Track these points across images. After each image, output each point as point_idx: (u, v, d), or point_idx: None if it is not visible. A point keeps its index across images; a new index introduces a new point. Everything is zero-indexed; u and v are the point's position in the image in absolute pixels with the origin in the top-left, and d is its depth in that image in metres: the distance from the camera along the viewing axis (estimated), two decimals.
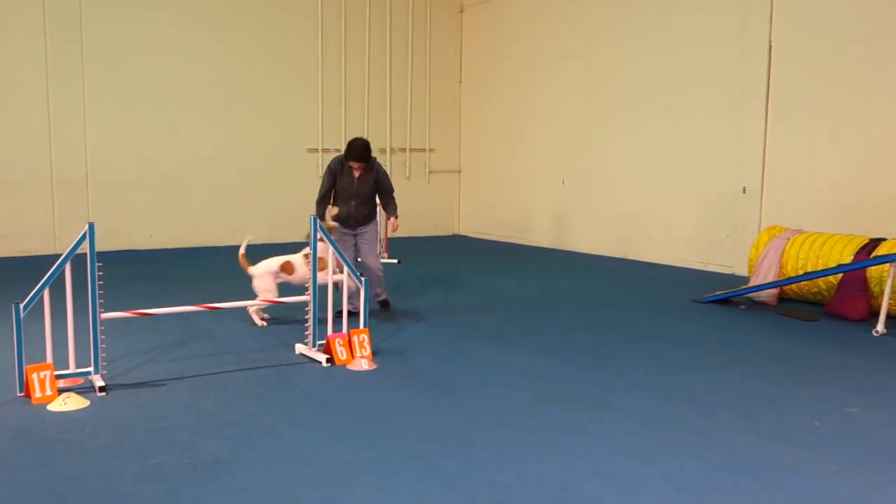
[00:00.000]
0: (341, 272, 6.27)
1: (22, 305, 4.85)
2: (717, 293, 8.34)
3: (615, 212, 11.95)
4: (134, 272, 9.67)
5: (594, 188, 12.33)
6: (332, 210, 7.18)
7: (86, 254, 4.96)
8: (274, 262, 6.95)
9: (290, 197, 12.93)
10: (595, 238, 12.30)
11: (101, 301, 5.06)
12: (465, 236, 14.94)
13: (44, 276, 4.89)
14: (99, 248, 5.12)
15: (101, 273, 5.01)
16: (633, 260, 11.55)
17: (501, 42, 14.03)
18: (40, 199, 11.29)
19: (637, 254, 11.60)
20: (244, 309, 6.80)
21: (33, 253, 10.96)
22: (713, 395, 5.15)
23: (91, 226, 4.94)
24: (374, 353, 5.88)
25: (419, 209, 14.34)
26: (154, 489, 3.63)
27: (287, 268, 6.93)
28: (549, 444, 4.24)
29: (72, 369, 5.09)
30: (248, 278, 6.91)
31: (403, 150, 14.43)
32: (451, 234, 15.13)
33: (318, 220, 5.89)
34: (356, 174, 7.17)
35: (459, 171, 15.13)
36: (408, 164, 14.48)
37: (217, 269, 10.30)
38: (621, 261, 11.57)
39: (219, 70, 12.57)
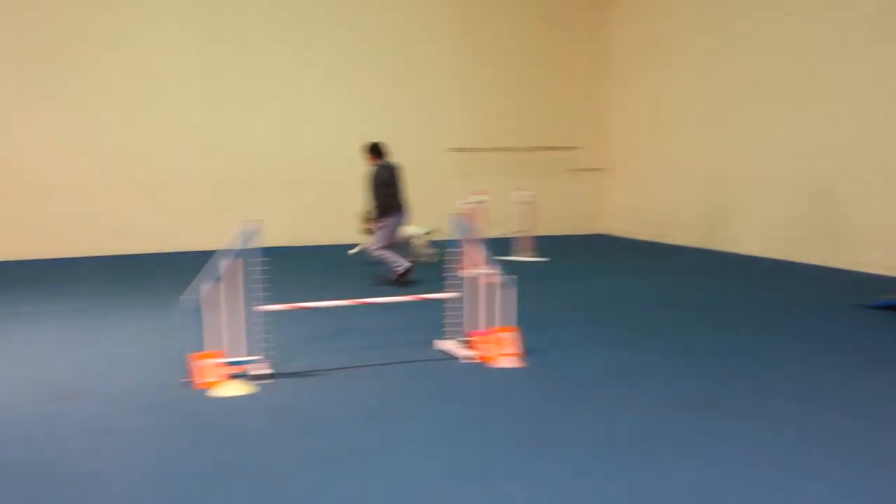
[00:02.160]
0: None
1: (191, 297, 5.23)
2: (888, 297, 7.73)
3: (776, 211, 11.28)
4: (290, 267, 10.16)
5: (747, 186, 11.75)
6: None
7: (250, 249, 5.28)
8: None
9: (434, 194, 13.17)
10: (747, 238, 11.72)
11: (264, 294, 5.36)
12: (611, 235, 14.67)
13: (209, 270, 5.24)
14: (262, 244, 5.42)
15: (265, 267, 5.31)
16: (790, 261, 10.91)
17: (650, 37, 13.66)
18: (207, 198, 12.10)
19: (793, 255, 10.93)
20: (390, 304, 6.97)
21: (202, 248, 11.73)
22: (879, 407, 4.80)
23: (255, 223, 5.26)
24: (520, 352, 5.89)
25: (563, 207, 14.24)
26: (311, 474, 3.81)
27: None
28: (696, 450, 4.10)
29: (239, 357, 5.42)
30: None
31: (547, 148, 14.34)
32: (596, 233, 14.90)
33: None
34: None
35: (604, 169, 14.86)
36: (551, 162, 14.38)
37: (359, 265, 10.64)
38: (777, 262, 10.96)
39: (358, 71, 12.98)
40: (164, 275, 9.78)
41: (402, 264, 8.79)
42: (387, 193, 8.83)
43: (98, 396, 5.02)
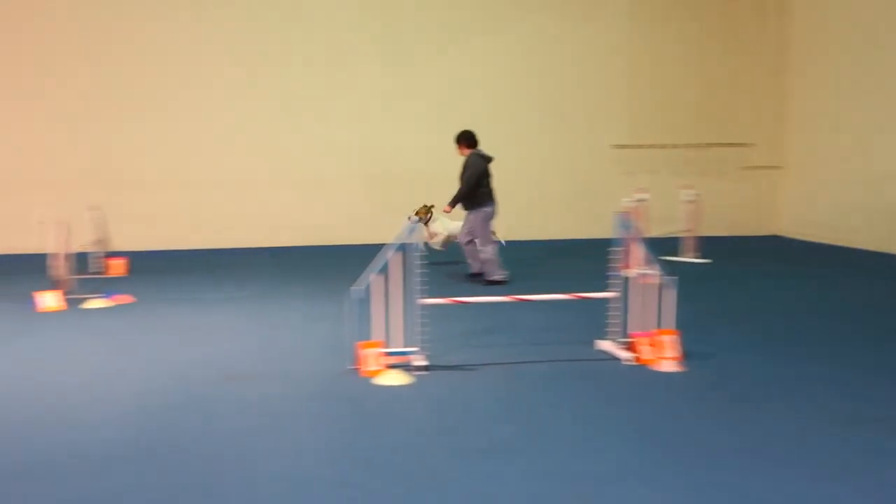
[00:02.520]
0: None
1: (356, 288, 5.46)
2: None
3: None
4: (447, 262, 10.35)
5: None
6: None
7: (408, 244, 5.44)
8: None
9: (594, 193, 13.00)
10: None
11: (425, 287, 5.50)
12: (783, 237, 13.82)
13: (373, 263, 5.45)
14: (410, 239, 5.56)
15: (424, 261, 5.45)
16: None
17: (831, 29, 12.74)
18: (367, 193, 12.57)
19: None
20: (547, 302, 6.93)
21: (361, 242, 12.18)
22: None
23: (416, 220, 5.41)
24: (682, 356, 5.70)
25: (731, 207, 13.58)
26: (461, 467, 3.88)
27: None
28: (861, 468, 3.80)
29: (399, 348, 5.61)
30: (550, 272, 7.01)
31: (716, 144, 13.71)
32: (766, 234, 14.09)
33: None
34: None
35: (779, 168, 14.01)
36: (720, 159, 13.74)
37: (517, 262, 10.67)
38: None
39: (519, 66, 12.97)
40: (324, 266, 10.26)
41: (498, 271, 8.78)
42: (482, 184, 8.76)
43: (264, 380, 5.35)
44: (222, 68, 12.03)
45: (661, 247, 9.15)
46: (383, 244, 5.57)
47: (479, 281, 8.76)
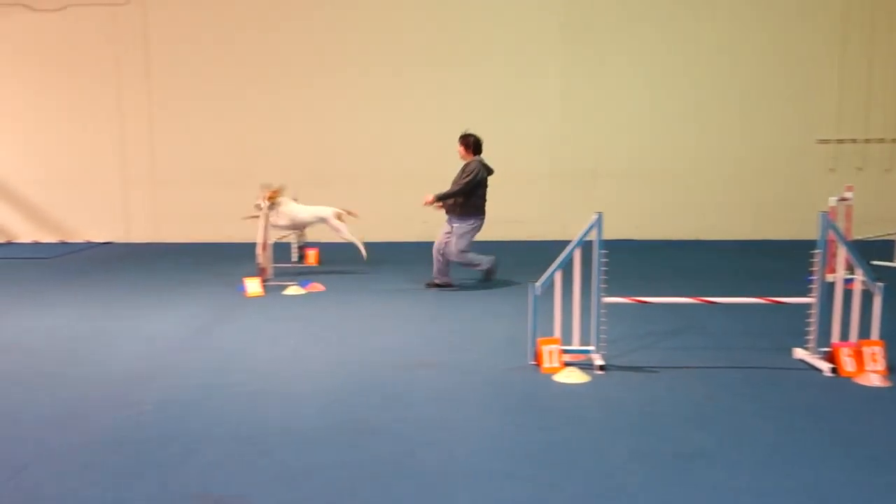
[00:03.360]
0: None
1: (537, 284, 5.46)
2: None
3: None
4: (628, 260, 10.11)
5: None
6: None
7: (592, 241, 5.36)
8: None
9: (794, 191, 12.16)
10: None
11: (605, 286, 5.41)
12: None
13: (555, 260, 5.42)
14: (603, 236, 5.46)
15: (604, 260, 5.35)
16: None
17: None
18: (553, 189, 12.51)
19: None
20: (737, 305, 6.57)
21: (543, 238, 12.16)
22: None
23: (599, 215, 5.32)
24: (888, 370, 5.20)
25: None
26: (639, 470, 3.77)
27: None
28: None
29: (576, 346, 5.55)
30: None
31: None
32: None
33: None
34: None
35: None
36: None
37: (706, 262, 10.21)
38: None
39: (719, 59, 12.35)
40: (508, 261, 10.31)
41: (486, 260, 8.63)
42: (478, 193, 8.27)
43: (446, 369, 5.49)
44: (433, 65, 12.39)
45: (869, 250, 8.41)
46: (567, 241, 5.52)
47: (447, 286, 8.51)
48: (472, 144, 8.36)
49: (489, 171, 8.34)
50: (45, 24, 12.46)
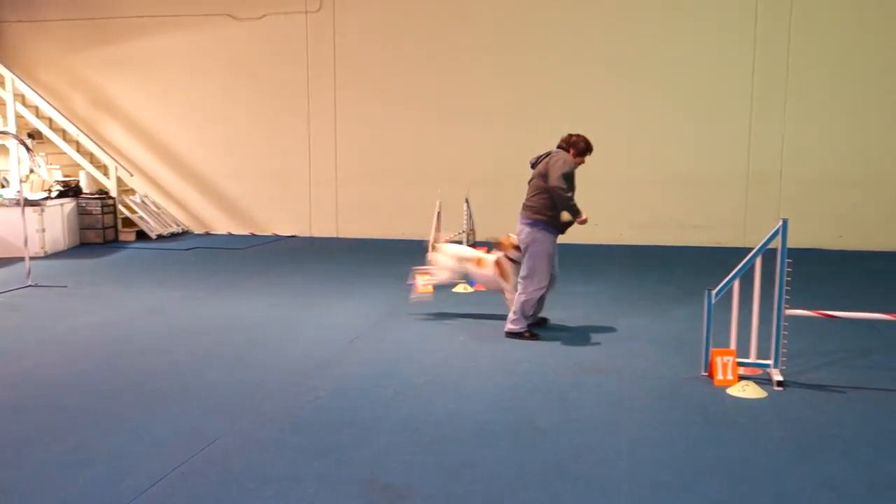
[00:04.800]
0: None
1: (714, 292, 5.26)
2: None
3: None
4: (819, 272, 9.47)
5: None
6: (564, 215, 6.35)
7: (776, 249, 5.08)
8: (467, 252, 7.26)
9: None
10: None
11: (787, 297, 5.12)
12: None
13: (734, 267, 5.19)
14: (789, 244, 5.16)
15: (789, 269, 5.06)
16: None
17: None
18: (734, 194, 11.93)
19: None
20: None
21: (724, 244, 11.64)
22: None
23: (785, 222, 5.04)
24: None
25: None
26: (826, 497, 3.56)
27: (478, 262, 6.99)
28: None
29: (752, 359, 5.29)
30: None
31: None
32: None
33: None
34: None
35: None
36: None
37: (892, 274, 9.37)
38: None
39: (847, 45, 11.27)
40: (687, 267, 9.97)
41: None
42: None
43: (617, 375, 5.41)
44: (598, 66, 12.27)
45: None
46: (751, 248, 5.28)
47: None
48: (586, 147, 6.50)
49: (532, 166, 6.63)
50: (247, 31, 13.47)
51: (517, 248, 6.57)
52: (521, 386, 5.18)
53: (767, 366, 5.24)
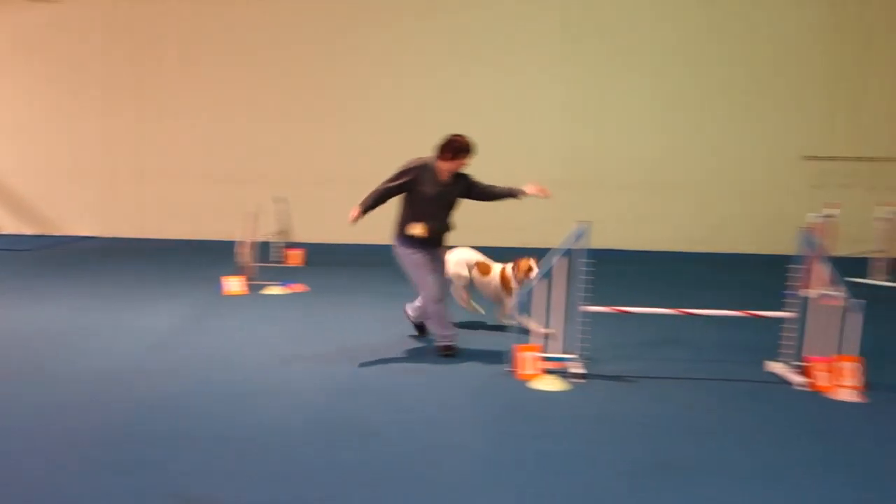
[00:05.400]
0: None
1: (521, 291, 5.47)
2: None
3: None
4: (617, 271, 10.14)
5: None
6: (414, 227, 5.77)
7: (577, 250, 5.38)
8: (472, 256, 6.94)
9: (778, 206, 12.27)
10: None
11: (587, 295, 5.43)
12: None
13: (540, 267, 5.44)
14: (590, 245, 5.48)
15: (588, 269, 5.37)
16: None
17: None
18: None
19: None
20: (715, 318, 6.62)
21: (535, 245, 12.15)
22: None
23: (583, 225, 5.35)
24: (864, 386, 5.25)
25: None
26: (627, 481, 3.79)
27: (481, 268, 6.85)
28: None
29: (556, 354, 5.57)
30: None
31: None
32: None
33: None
34: (445, 179, 5.80)
35: None
36: None
37: (692, 274, 10.27)
38: None
39: (706, 70, 12.45)
40: None
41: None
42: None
43: (431, 372, 5.49)
44: (437, 68, 12.43)
45: (849, 267, 8.50)
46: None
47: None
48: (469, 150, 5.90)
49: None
50: (44, 16, 12.38)
51: (528, 272, 6.37)
52: (339, 389, 5.12)
53: (570, 360, 5.53)
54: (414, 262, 5.87)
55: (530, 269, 6.40)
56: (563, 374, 5.42)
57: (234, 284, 8.21)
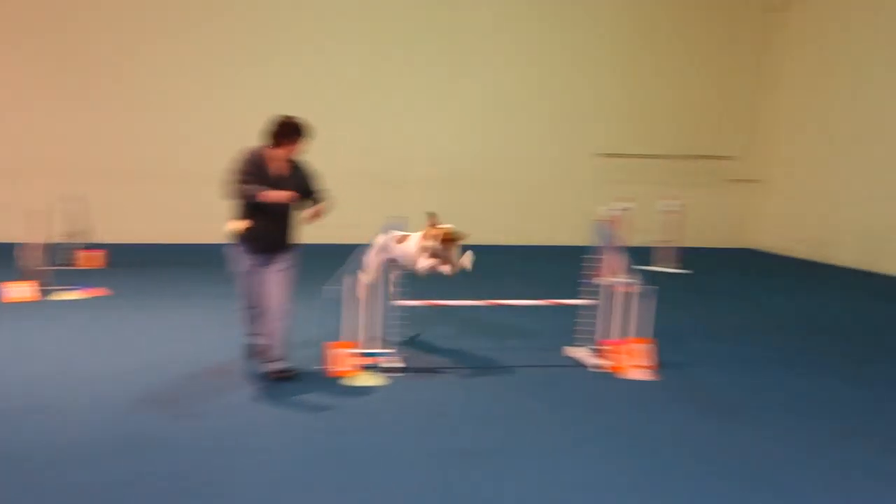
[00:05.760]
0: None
1: (333, 287, 5.43)
2: None
3: None
4: None
5: None
6: (237, 223, 5.04)
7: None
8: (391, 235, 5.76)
9: (576, 199, 13.04)
10: None
11: (402, 290, 5.48)
12: (759, 250, 13.93)
13: (352, 263, 5.42)
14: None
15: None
16: None
17: (811, 43, 12.87)
18: (358, 194, 12.53)
19: None
20: (522, 308, 6.91)
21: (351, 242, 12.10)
22: None
23: (390, 221, 5.39)
24: (655, 365, 5.70)
25: (711, 219, 13.68)
26: (429, 469, 3.86)
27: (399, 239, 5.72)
28: (839, 487, 3.82)
29: (370, 349, 5.57)
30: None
31: (697, 156, 13.80)
32: (743, 246, 14.19)
33: None
34: (283, 169, 5.08)
35: (757, 181, 14.13)
36: (702, 171, 13.84)
37: (498, 267, 10.68)
38: None
39: (503, 72, 13.00)
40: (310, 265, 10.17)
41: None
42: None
43: (238, 375, 5.30)
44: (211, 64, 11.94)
45: (640, 256, 9.18)
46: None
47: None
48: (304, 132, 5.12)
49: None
50: None
51: (438, 238, 5.44)
52: (139, 399, 4.80)
53: (385, 354, 5.56)
54: (248, 271, 5.10)
55: (441, 234, 5.52)
56: (378, 368, 5.43)
57: (18, 290, 7.49)
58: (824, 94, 12.76)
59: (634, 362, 5.63)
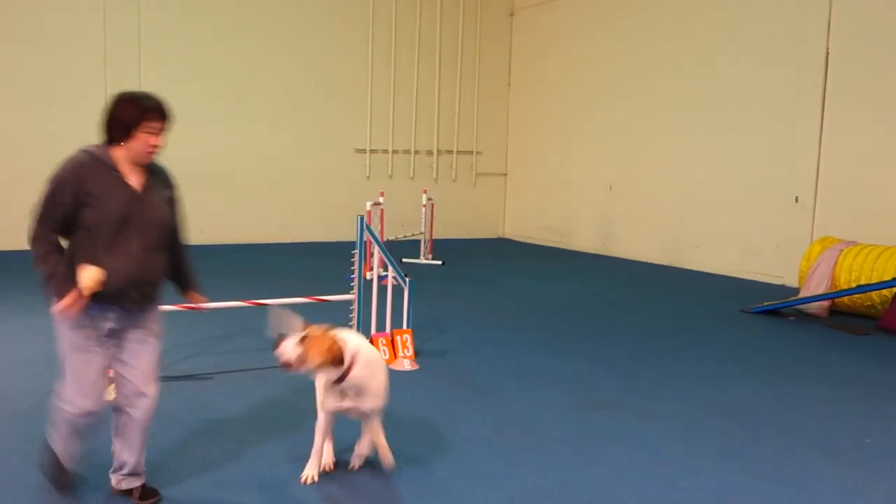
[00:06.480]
0: None
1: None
2: (767, 304, 8.20)
3: (662, 219, 11.83)
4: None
5: (641, 195, 12.22)
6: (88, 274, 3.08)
7: None
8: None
9: (338, 196, 13.12)
10: (641, 245, 12.19)
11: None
12: (510, 240, 14.92)
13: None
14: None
15: None
16: (680, 268, 11.42)
17: (550, 46, 14.01)
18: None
19: (684, 262, 11.46)
20: (287, 306, 6.83)
21: None
22: (758, 408, 5.06)
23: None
24: (417, 354, 5.91)
25: (464, 211, 14.41)
26: (198, 481, 3.71)
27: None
28: (590, 451, 4.22)
29: None
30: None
31: (450, 152, 14.48)
32: (495, 236, 15.13)
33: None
34: (139, 183, 3.26)
35: (505, 175, 15.12)
36: (454, 166, 14.54)
37: (264, 265, 10.46)
38: (668, 269, 11.44)
39: (267, 70, 12.78)
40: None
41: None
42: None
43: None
44: None
45: (399, 249, 9.44)
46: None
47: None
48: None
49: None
50: None
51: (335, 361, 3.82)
52: None
53: None
54: (67, 340, 3.20)
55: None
56: None
57: None
58: (549, 94, 13.99)
59: (399, 353, 5.79)
